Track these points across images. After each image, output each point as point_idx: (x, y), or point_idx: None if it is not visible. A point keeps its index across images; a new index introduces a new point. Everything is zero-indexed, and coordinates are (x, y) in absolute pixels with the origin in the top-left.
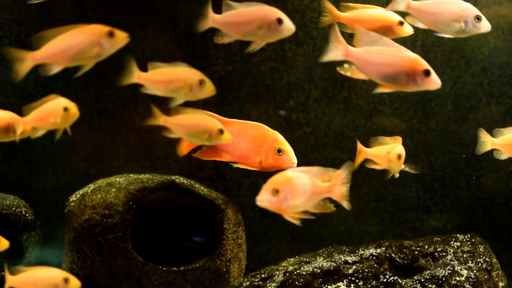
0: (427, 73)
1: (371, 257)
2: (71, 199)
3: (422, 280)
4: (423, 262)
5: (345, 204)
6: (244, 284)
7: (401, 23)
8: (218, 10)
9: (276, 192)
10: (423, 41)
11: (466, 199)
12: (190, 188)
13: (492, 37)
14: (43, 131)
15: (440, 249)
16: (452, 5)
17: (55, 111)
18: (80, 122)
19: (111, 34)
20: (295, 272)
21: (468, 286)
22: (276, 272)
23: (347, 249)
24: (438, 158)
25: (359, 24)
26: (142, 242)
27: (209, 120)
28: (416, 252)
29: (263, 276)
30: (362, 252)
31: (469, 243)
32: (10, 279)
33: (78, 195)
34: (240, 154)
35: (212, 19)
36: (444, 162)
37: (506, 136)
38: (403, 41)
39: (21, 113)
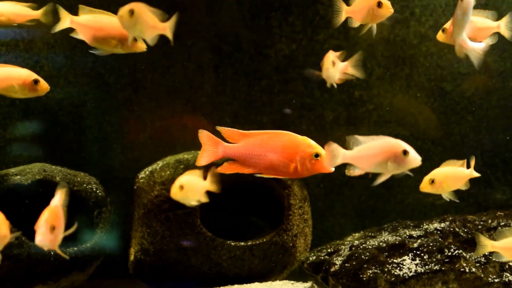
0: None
1: (435, 231)
2: (140, 176)
3: (486, 253)
4: (487, 236)
5: None
6: (311, 258)
7: (380, 4)
8: None
9: None
10: None
11: None
12: None
13: None
14: None
15: (503, 223)
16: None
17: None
18: (148, 101)
19: None
20: (361, 246)
21: None
22: (342, 246)
23: (411, 224)
24: (499, 134)
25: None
26: (210, 218)
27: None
28: (479, 227)
29: (329, 250)
30: (426, 226)
31: None
32: None
33: (147, 172)
34: (267, 165)
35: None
36: (505, 138)
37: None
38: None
39: None
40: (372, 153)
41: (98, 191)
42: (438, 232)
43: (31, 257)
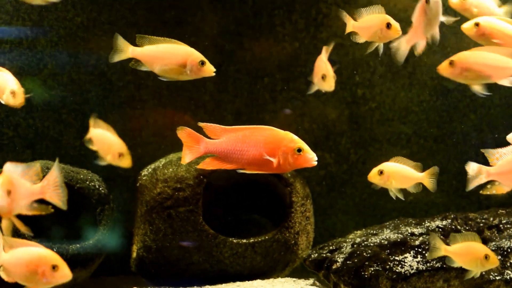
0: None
1: (437, 229)
2: (143, 173)
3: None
4: (488, 234)
5: (61, 205)
6: (313, 256)
7: (389, 25)
8: None
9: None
10: None
11: None
12: None
13: None
14: None
15: (505, 221)
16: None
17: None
18: (151, 99)
19: None
20: (362, 244)
21: None
22: (344, 244)
23: (413, 221)
24: (501, 133)
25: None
26: (212, 215)
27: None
28: (481, 224)
29: (331, 248)
30: (428, 224)
31: None
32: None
33: (150, 169)
34: (249, 160)
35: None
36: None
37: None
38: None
39: None
40: None
41: (101, 188)
42: (440, 229)
43: None
